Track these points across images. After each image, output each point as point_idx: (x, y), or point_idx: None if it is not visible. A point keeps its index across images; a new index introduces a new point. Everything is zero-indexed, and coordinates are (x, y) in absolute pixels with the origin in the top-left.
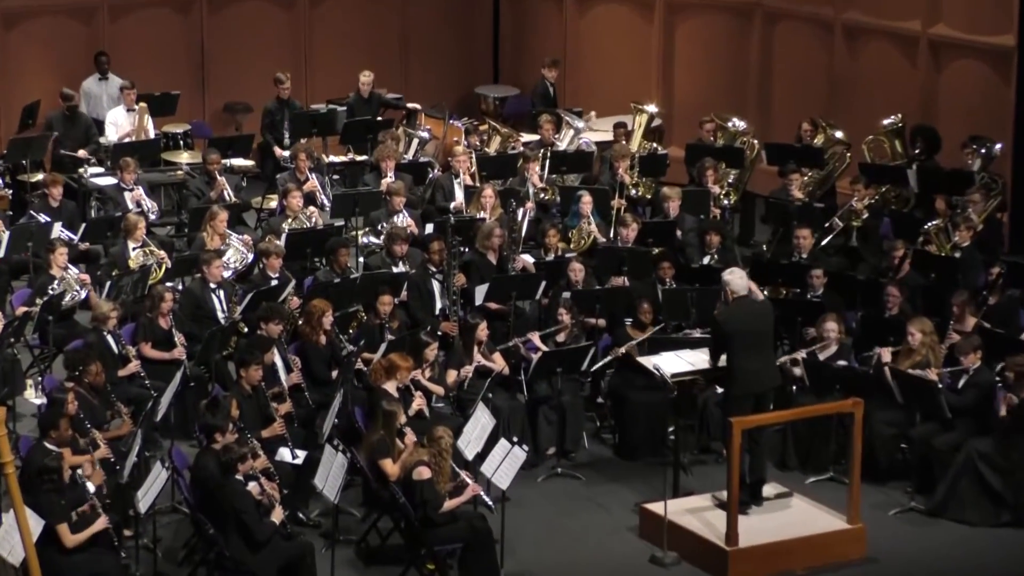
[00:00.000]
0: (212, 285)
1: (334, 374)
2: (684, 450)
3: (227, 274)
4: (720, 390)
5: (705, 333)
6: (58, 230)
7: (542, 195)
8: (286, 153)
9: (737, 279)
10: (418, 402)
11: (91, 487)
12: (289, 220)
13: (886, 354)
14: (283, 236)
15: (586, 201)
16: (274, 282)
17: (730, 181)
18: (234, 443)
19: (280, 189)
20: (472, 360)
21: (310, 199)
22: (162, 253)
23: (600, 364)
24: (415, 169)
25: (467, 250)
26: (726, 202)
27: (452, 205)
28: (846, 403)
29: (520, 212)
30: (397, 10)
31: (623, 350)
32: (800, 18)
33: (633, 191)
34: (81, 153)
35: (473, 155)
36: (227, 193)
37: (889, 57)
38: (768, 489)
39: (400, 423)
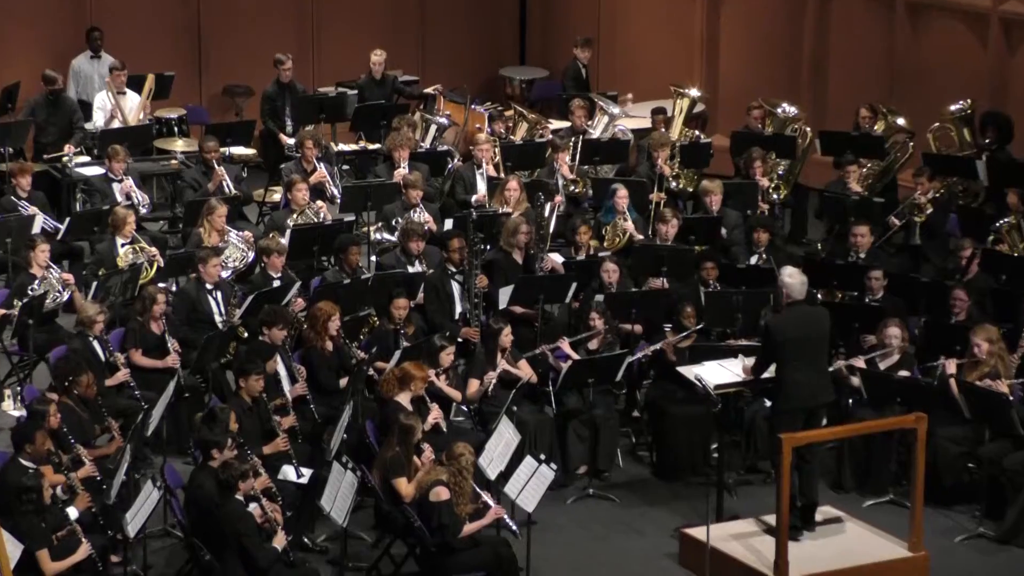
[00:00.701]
0: (209, 286)
1: (343, 384)
2: (728, 469)
3: (225, 274)
4: (768, 403)
5: (753, 341)
6: (40, 223)
7: (573, 188)
8: (291, 141)
9: (797, 283)
10: (434, 414)
11: (74, 512)
12: (294, 215)
13: (951, 364)
14: (287, 232)
15: (622, 195)
16: (277, 283)
17: (780, 173)
18: (234, 460)
19: (284, 181)
20: (495, 369)
21: (317, 192)
22: (154, 250)
23: (636, 357)
24: (433, 159)
25: (490, 248)
26: (775, 196)
27: (474, 199)
28: (908, 418)
29: (548, 207)
30: None
31: (659, 346)
32: None
33: (673, 183)
34: (67, 149)
35: (497, 144)
36: (226, 185)
37: (956, 36)
38: (821, 513)
39: (417, 439)
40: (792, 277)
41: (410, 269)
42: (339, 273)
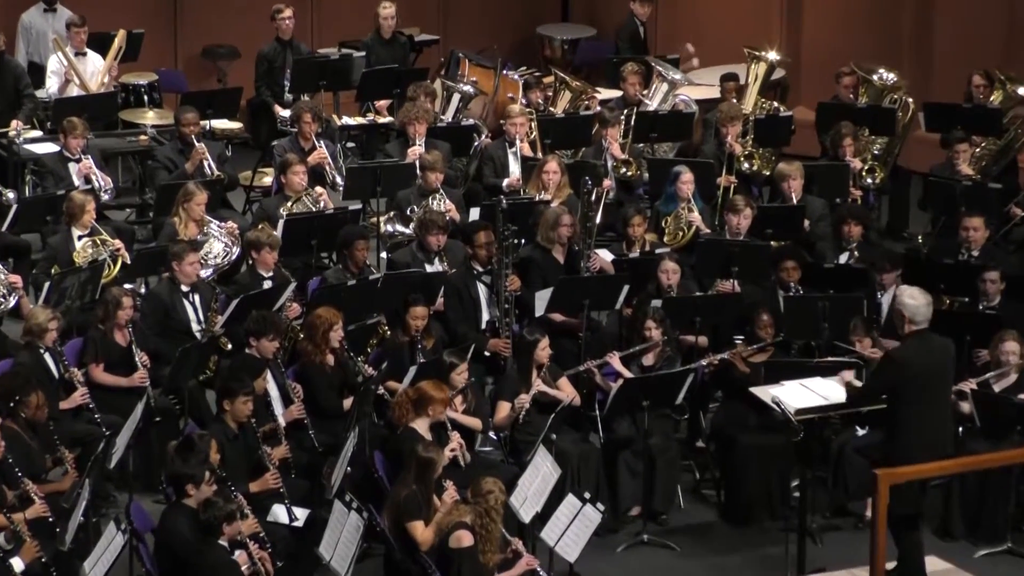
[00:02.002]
0: (185, 288)
1: (346, 406)
2: (812, 512)
3: (205, 273)
4: (861, 432)
5: (844, 357)
6: None
7: (625, 171)
8: (286, 113)
9: (922, 305)
10: (453, 444)
11: (19, 564)
12: (288, 202)
13: None
14: (280, 223)
15: (685, 179)
16: (268, 284)
17: (875, 153)
18: (216, 498)
19: (277, 161)
20: (530, 390)
21: (317, 175)
22: (118, 244)
23: (696, 365)
24: (456, 135)
25: (524, 243)
26: (870, 180)
27: (505, 183)
28: None
29: (595, 193)
30: None
31: (726, 356)
32: None
33: (746, 165)
34: (14, 124)
35: (534, 117)
36: (207, 165)
37: None
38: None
39: (438, 474)
40: (915, 299)
41: (428, 268)
42: (342, 273)
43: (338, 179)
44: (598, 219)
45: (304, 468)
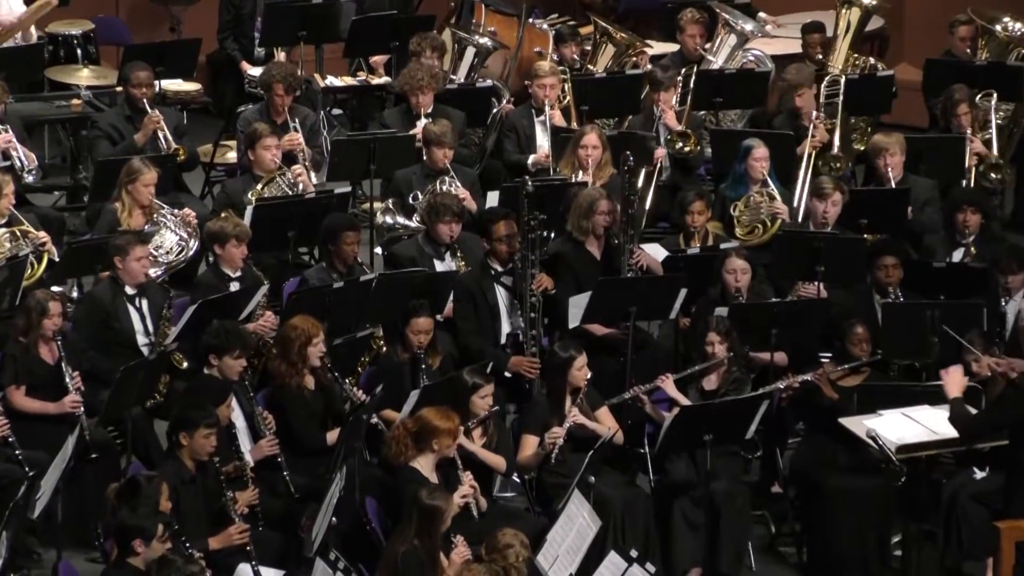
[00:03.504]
0: (130, 290)
1: (331, 440)
2: (919, 573)
3: (156, 272)
4: (980, 474)
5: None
6: None
7: (681, 145)
8: (256, 72)
9: None
10: (466, 489)
11: None
12: (259, 184)
13: None
14: (249, 210)
15: (758, 156)
16: (235, 286)
17: (998, 123)
18: (170, 554)
19: (243, 132)
20: (563, 421)
21: (290, 157)
22: (44, 236)
23: (770, 389)
24: (470, 100)
25: (554, 236)
26: (992, 159)
27: (531, 159)
28: None
29: (644, 173)
30: None
31: (810, 376)
32: None
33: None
34: None
35: (568, 77)
36: (163, 138)
37: None
38: None
39: (446, 526)
40: None
41: (438, 266)
42: (326, 272)
43: (317, 157)
44: (647, 204)
45: (277, 518)
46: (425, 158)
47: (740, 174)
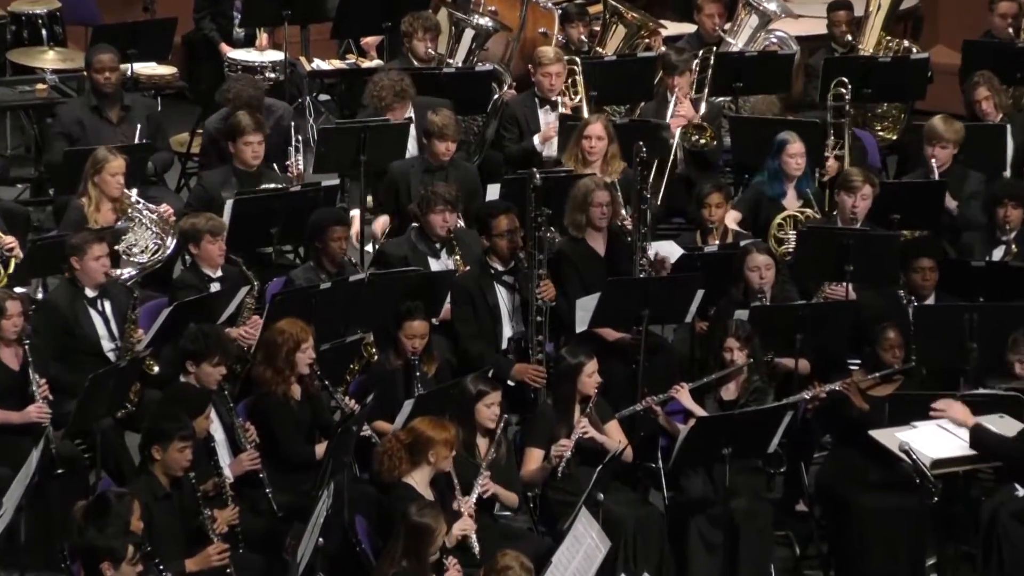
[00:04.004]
0: (90, 293)
1: (318, 454)
2: None
3: (126, 273)
4: (1022, 491)
5: (996, 388)
6: None
7: (697, 137)
8: (236, 54)
9: None
10: (465, 519)
11: None
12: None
13: None
14: (228, 205)
15: (794, 152)
16: (214, 287)
17: None
18: None
19: (211, 136)
20: (571, 433)
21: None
22: (10, 241)
23: (794, 400)
24: (469, 85)
25: (558, 233)
26: None
27: (537, 140)
28: None
29: (655, 164)
30: None
31: (837, 386)
32: None
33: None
34: None
35: (577, 61)
36: (137, 126)
37: None
38: None
39: (437, 546)
40: None
41: (433, 264)
42: (314, 271)
43: (301, 157)
44: (659, 198)
45: (259, 539)
46: (427, 152)
47: (774, 171)
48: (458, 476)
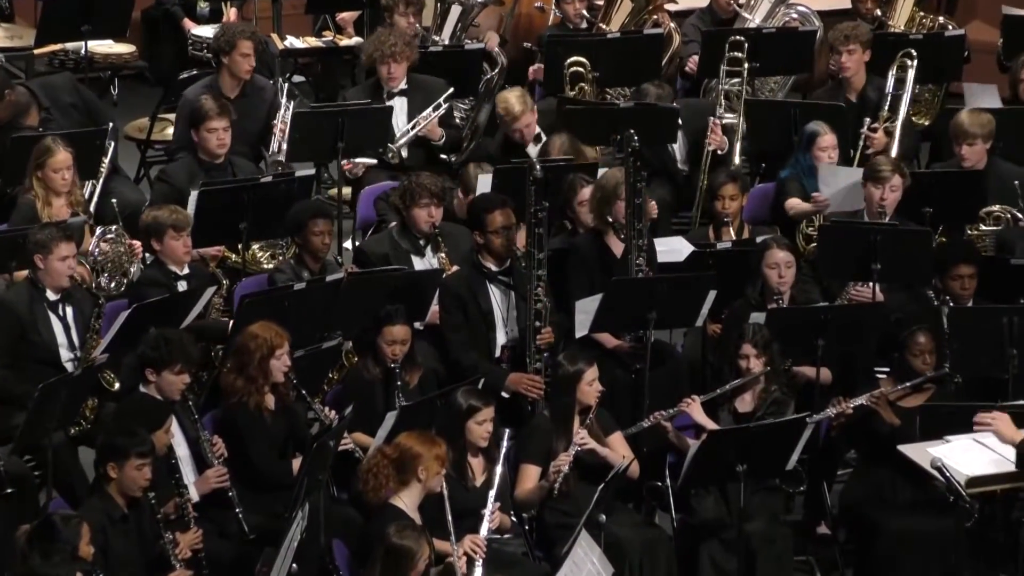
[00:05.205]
0: (51, 296)
1: (295, 467)
2: None
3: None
4: None
5: None
6: None
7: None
8: (201, 31)
9: None
10: (462, 552)
11: None
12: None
13: None
14: (193, 196)
15: (825, 145)
16: (181, 285)
17: None
18: None
19: (186, 109)
20: (569, 448)
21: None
22: None
23: (819, 418)
24: (456, 66)
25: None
26: None
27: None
28: None
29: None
30: None
31: (863, 400)
32: None
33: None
34: None
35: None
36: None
37: None
38: None
39: (419, 572)
40: None
41: (417, 263)
42: (295, 268)
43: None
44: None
45: (227, 564)
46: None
47: (807, 165)
48: (450, 499)
